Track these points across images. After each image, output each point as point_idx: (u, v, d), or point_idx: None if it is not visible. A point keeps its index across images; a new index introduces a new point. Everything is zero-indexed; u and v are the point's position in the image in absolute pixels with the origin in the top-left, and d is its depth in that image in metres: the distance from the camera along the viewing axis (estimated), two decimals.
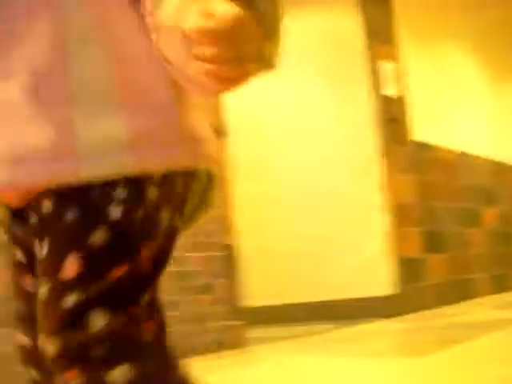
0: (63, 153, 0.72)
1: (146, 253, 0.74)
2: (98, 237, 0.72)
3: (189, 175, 0.79)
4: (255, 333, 4.11)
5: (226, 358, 3.44)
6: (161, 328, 0.74)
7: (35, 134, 0.73)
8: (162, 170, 0.75)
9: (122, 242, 0.73)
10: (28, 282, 0.82)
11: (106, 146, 0.73)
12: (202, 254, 3.65)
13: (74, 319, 0.70)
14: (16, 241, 0.84)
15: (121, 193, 0.73)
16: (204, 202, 0.85)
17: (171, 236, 0.79)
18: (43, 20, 0.74)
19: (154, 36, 0.68)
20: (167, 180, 0.76)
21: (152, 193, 0.75)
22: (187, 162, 0.78)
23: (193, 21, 0.60)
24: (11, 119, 0.75)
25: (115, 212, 0.73)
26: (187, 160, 0.78)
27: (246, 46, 0.61)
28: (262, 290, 5.00)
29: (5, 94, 0.74)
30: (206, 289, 3.64)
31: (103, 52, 0.74)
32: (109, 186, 0.73)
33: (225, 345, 3.62)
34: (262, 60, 0.65)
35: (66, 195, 0.73)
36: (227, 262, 3.81)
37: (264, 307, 5.05)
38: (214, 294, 3.68)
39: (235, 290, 3.85)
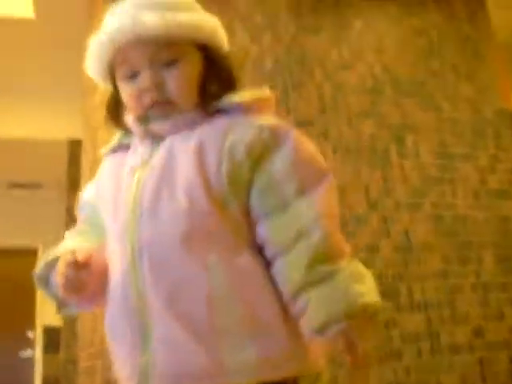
0: (214, 373, 1.04)
1: None
2: None
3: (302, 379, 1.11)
4: None
5: None
6: None
7: (195, 362, 1.05)
8: (278, 378, 1.06)
9: None
10: None
11: (243, 367, 1.05)
12: None
13: None
14: None
15: None
16: None
17: None
18: (199, 282, 1.06)
19: (305, 333, 1.06)
20: None
21: None
22: (297, 372, 1.09)
23: (340, 344, 1.02)
24: (177, 352, 1.06)
25: None
26: (297, 370, 1.08)
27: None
28: None
29: (172, 334, 1.06)
30: None
31: (240, 306, 1.06)
32: None
33: None
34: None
35: None
36: None
37: None
38: None
39: None
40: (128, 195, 1.15)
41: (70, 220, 5.81)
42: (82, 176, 4.16)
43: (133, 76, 1.20)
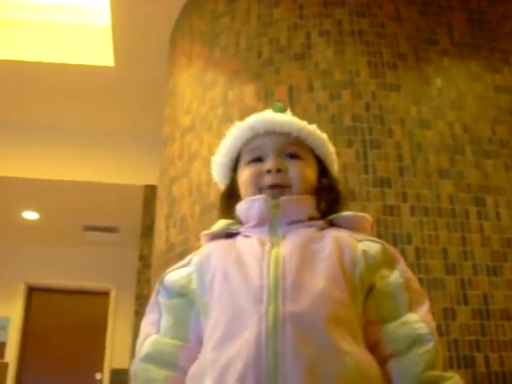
0: None
1: None
2: None
3: None
4: None
5: None
6: None
7: None
8: None
9: None
10: None
11: None
12: None
13: None
14: None
15: None
16: None
17: None
18: (334, 361, 1.15)
19: None
20: None
21: None
22: None
23: None
24: None
25: None
26: None
27: None
28: None
29: None
30: None
31: None
32: None
33: None
34: None
35: None
36: None
37: None
38: None
39: None
40: (265, 268, 1.26)
41: (142, 266, 5.94)
42: (155, 224, 4.21)
43: (257, 160, 1.41)
